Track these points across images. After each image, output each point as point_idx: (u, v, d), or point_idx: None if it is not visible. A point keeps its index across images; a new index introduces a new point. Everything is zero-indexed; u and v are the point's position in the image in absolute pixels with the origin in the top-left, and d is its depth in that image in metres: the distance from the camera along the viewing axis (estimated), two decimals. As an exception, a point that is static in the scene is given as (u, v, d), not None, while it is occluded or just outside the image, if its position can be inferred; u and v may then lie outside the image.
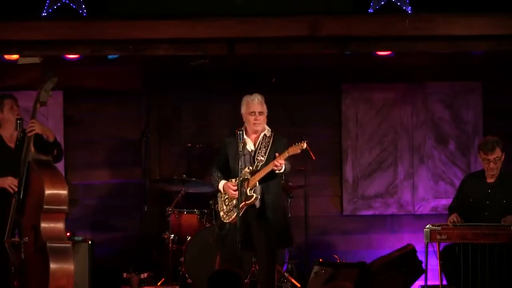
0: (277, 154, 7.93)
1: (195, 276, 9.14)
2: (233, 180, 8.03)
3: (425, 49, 9.33)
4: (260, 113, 8.11)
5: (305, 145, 7.90)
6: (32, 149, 7.98)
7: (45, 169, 7.95)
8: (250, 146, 8.12)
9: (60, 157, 8.36)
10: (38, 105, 8.16)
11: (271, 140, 8.14)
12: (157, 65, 10.28)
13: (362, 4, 9.07)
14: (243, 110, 8.17)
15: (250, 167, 8.04)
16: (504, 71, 10.30)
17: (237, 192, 7.89)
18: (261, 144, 8.12)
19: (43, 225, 7.78)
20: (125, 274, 9.35)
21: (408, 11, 9.01)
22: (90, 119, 10.43)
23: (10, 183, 7.95)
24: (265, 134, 8.15)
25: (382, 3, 9.03)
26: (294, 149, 7.90)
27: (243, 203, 7.92)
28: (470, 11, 8.93)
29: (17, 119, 8.11)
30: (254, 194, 7.94)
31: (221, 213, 8.09)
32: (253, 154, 8.08)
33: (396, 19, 8.99)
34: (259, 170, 7.99)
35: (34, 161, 7.94)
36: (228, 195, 8.05)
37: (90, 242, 9.47)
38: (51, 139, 8.17)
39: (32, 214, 7.82)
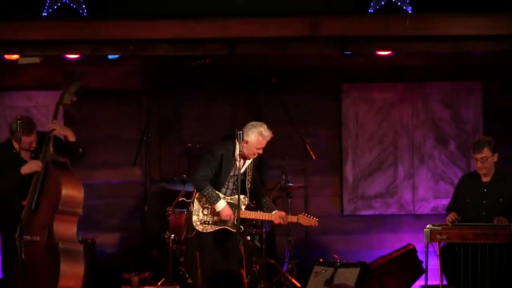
0: (283, 213, 8.19)
1: (195, 276, 9.13)
2: (228, 197, 8.13)
3: (425, 49, 9.33)
4: (264, 148, 8.18)
5: (316, 224, 8.30)
6: (51, 149, 7.97)
7: (63, 170, 7.97)
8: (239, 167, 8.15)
9: (86, 154, 8.35)
10: (60, 107, 8.16)
11: (253, 162, 8.23)
12: (157, 65, 10.29)
13: (362, 4, 9.07)
14: (252, 141, 8.04)
15: (247, 198, 8.14)
16: (504, 71, 10.30)
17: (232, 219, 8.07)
18: (249, 168, 8.18)
19: (57, 226, 7.79)
20: (125, 274, 9.34)
21: (408, 11, 9.01)
22: (90, 119, 10.43)
23: (38, 165, 7.93)
24: (253, 159, 8.21)
25: (382, 3, 9.03)
26: (304, 221, 8.27)
27: (226, 227, 8.08)
28: (470, 11, 8.93)
29: (18, 119, 8.10)
30: (242, 227, 8.16)
31: (195, 217, 8.14)
32: (242, 178, 8.07)
33: (396, 19, 8.98)
34: (262, 209, 8.26)
35: (52, 162, 7.94)
36: (212, 208, 8.11)
37: (90, 242, 9.47)
38: (72, 139, 8.15)
39: (45, 214, 7.83)
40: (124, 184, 10.40)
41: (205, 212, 8.14)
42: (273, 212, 8.22)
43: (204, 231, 8.11)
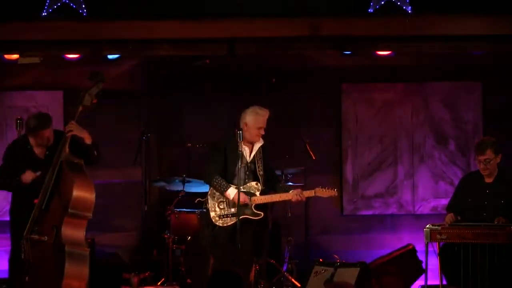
0: (299, 190, 8.15)
1: (195, 276, 9.14)
2: (241, 187, 8.12)
3: (425, 49, 9.34)
4: (265, 128, 8.20)
5: (336, 194, 8.23)
6: (67, 150, 7.94)
7: (77, 172, 7.92)
8: (246, 156, 8.19)
9: (100, 157, 8.33)
10: (81, 108, 8.08)
11: (262, 150, 8.26)
12: (157, 65, 10.29)
13: (362, 4, 9.08)
14: (250, 121, 8.14)
15: (259, 184, 8.17)
16: (504, 71, 10.30)
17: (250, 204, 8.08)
18: (257, 156, 8.21)
19: (65, 229, 7.77)
20: (125, 274, 9.34)
21: (408, 11, 9.02)
22: (90, 119, 10.40)
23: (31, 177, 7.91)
24: (260, 146, 8.23)
25: (382, 3, 9.03)
26: (322, 193, 8.18)
27: (246, 216, 8.07)
28: (470, 11, 8.94)
29: (17, 119, 8.08)
30: (262, 213, 8.13)
31: (213, 214, 8.18)
32: (252, 167, 8.18)
33: (396, 19, 8.99)
34: (277, 193, 8.21)
35: (66, 162, 7.89)
36: (227, 201, 8.14)
37: (90, 242, 9.47)
38: (88, 142, 8.12)
39: (55, 214, 7.81)
40: (124, 184, 10.40)
41: (221, 206, 8.18)
42: (290, 192, 8.23)
43: (225, 224, 8.12)
